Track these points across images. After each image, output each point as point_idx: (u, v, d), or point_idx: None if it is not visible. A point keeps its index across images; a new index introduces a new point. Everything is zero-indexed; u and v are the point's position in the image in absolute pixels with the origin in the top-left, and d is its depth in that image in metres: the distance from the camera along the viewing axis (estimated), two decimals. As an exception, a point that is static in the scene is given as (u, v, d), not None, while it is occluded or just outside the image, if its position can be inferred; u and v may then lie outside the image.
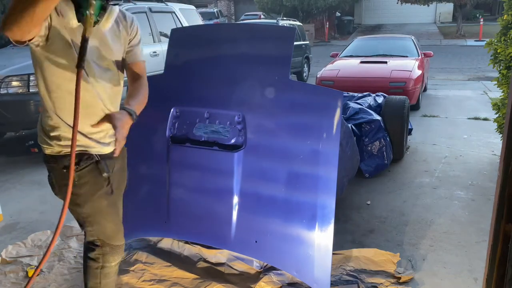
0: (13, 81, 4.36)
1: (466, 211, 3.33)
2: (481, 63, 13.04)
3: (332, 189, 2.10)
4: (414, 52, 7.81)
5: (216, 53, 2.48)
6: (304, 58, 10.69)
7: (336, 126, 2.10)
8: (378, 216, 3.27)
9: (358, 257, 2.60)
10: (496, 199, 1.24)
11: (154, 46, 6.25)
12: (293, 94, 2.23)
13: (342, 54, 8.32)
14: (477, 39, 19.07)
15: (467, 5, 21.51)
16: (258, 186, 2.30)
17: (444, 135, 5.52)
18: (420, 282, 2.42)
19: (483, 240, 2.85)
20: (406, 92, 6.09)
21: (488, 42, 4.23)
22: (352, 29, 25.88)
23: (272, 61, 2.28)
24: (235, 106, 2.33)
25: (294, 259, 2.24)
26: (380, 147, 4.14)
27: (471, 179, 3.97)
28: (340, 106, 2.10)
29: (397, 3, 23.31)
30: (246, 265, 2.55)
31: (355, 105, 4.33)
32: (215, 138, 2.45)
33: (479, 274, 2.43)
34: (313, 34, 21.97)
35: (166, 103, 2.52)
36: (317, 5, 22.18)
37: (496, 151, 4.76)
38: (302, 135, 2.18)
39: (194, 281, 2.42)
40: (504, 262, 1.25)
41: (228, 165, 2.33)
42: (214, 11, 24.21)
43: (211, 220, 2.41)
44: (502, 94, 4.32)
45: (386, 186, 3.89)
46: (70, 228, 3.02)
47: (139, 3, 6.35)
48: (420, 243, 2.86)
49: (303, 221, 2.18)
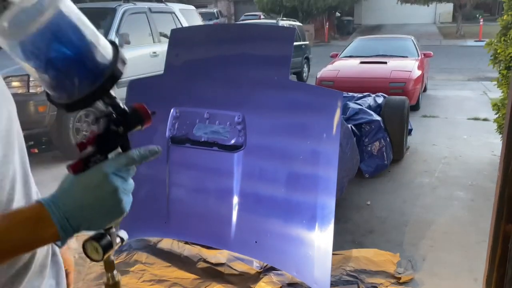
0: (13, 81, 4.36)
1: (466, 211, 3.33)
2: (481, 64, 13.02)
3: (332, 190, 2.10)
4: (414, 52, 7.81)
5: (216, 54, 2.48)
6: (304, 58, 10.69)
7: (336, 127, 2.09)
8: (378, 217, 3.27)
9: (358, 258, 2.60)
10: (496, 199, 1.24)
11: (154, 46, 6.25)
12: (293, 95, 2.23)
13: (342, 54, 8.31)
14: (477, 39, 19.06)
15: (467, 5, 21.53)
16: (258, 187, 2.30)
17: (444, 135, 5.52)
18: (420, 283, 2.42)
19: (483, 240, 2.85)
20: (406, 92, 6.08)
21: (488, 43, 4.23)
22: (352, 30, 25.89)
23: (272, 62, 2.28)
24: (235, 107, 2.33)
25: (294, 260, 2.24)
26: (380, 147, 4.14)
27: (471, 180, 3.97)
28: (340, 106, 2.10)
29: (397, 3, 23.34)
30: (246, 265, 2.54)
31: (355, 106, 4.33)
32: (215, 138, 2.45)
33: (479, 274, 2.42)
34: (313, 35, 21.97)
35: (166, 103, 2.52)
36: (317, 6, 22.20)
37: (496, 151, 4.75)
38: (302, 136, 2.18)
39: (194, 282, 2.42)
40: (504, 262, 1.25)
41: (228, 166, 2.33)
42: (214, 11, 24.22)
43: (211, 220, 2.41)
44: (502, 94, 4.32)
45: (386, 186, 3.89)
46: (70, 228, 3.02)
47: (139, 3, 6.35)
48: (420, 243, 2.85)
49: (303, 221, 2.18)
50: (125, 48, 5.65)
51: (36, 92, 4.41)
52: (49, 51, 0.58)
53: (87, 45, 0.60)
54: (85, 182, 0.62)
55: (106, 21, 5.76)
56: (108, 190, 0.62)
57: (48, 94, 0.64)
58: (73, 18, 0.58)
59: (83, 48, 0.59)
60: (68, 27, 0.58)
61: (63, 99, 0.62)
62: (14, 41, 0.57)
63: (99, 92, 0.63)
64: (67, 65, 0.59)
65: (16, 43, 0.57)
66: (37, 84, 4.43)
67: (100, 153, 0.66)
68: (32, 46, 0.57)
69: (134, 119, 0.68)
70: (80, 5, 7.53)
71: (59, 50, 0.58)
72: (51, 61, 0.58)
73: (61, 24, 0.57)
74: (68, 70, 0.59)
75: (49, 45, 0.57)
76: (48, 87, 0.62)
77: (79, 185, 0.62)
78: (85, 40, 0.60)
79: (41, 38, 0.56)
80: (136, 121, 0.69)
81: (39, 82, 0.62)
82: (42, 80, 0.61)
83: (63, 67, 0.59)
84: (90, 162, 0.64)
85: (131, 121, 0.68)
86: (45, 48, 0.57)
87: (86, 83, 0.61)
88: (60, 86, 0.62)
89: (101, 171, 0.63)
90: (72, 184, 0.62)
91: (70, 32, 0.58)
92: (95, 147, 0.66)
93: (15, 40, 0.57)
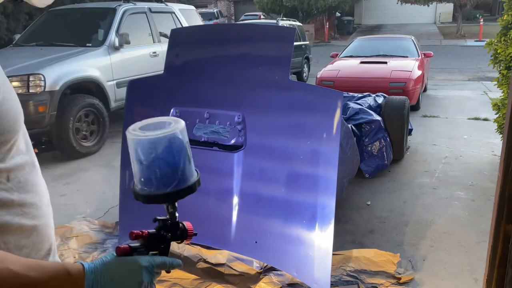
0: (13, 82, 4.36)
1: (466, 211, 3.33)
2: (481, 63, 13.03)
3: (332, 190, 2.10)
4: (414, 52, 7.81)
5: (216, 54, 2.48)
6: (304, 58, 10.69)
7: (336, 127, 2.09)
8: (378, 217, 3.27)
9: (358, 258, 2.59)
10: (496, 199, 1.24)
11: (154, 46, 6.25)
12: (293, 95, 2.23)
13: (342, 54, 8.31)
14: (477, 39, 19.06)
15: (467, 5, 21.51)
16: (258, 187, 2.30)
17: (444, 135, 5.52)
18: (420, 283, 2.42)
19: (483, 240, 2.85)
20: (406, 92, 6.08)
21: (488, 43, 4.23)
22: (352, 29, 25.87)
23: (272, 62, 2.27)
24: (235, 107, 2.33)
25: (294, 260, 2.24)
26: (380, 147, 4.14)
27: (471, 180, 3.97)
28: (340, 106, 2.10)
29: (397, 3, 23.31)
30: (246, 265, 2.54)
31: (355, 106, 4.33)
32: (215, 138, 2.45)
33: (479, 275, 2.43)
34: (313, 35, 21.97)
35: (166, 103, 2.52)
36: (317, 6, 22.18)
37: (496, 151, 4.75)
38: (302, 136, 2.18)
39: (194, 282, 2.41)
40: (504, 263, 1.25)
41: (228, 166, 2.33)
42: (214, 11, 24.23)
43: (211, 220, 2.40)
44: (502, 94, 4.32)
45: (386, 186, 3.88)
46: (70, 228, 3.01)
47: (139, 3, 6.35)
48: (420, 244, 2.85)
49: (303, 221, 2.18)
50: (125, 48, 5.66)
51: (36, 92, 4.40)
52: (162, 154, 0.76)
53: (185, 160, 0.80)
54: (124, 265, 0.73)
55: (106, 21, 5.76)
56: (136, 280, 0.72)
57: (134, 185, 0.80)
58: (185, 143, 0.80)
59: (182, 161, 0.79)
60: (181, 146, 0.79)
61: (145, 191, 0.78)
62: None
63: (174, 195, 0.79)
64: (168, 167, 0.77)
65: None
66: (37, 84, 4.43)
67: (145, 248, 0.78)
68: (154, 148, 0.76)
69: (181, 233, 0.83)
70: (80, 5, 7.53)
71: (168, 155, 0.77)
72: (159, 159, 0.76)
73: (176, 142, 0.78)
74: (166, 171, 0.77)
75: (164, 151, 0.76)
76: (142, 179, 0.78)
77: (118, 266, 0.73)
78: (186, 157, 0.80)
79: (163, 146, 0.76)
80: (181, 236, 0.83)
81: (136, 174, 0.78)
82: (141, 173, 0.77)
83: (165, 167, 0.77)
84: (135, 251, 0.76)
85: (179, 234, 0.82)
86: (159, 152, 0.76)
87: (171, 183, 0.78)
88: (152, 180, 0.78)
89: (139, 263, 0.73)
90: (113, 263, 0.73)
91: (181, 149, 0.79)
92: (144, 241, 0.78)
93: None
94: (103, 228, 3.08)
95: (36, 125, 4.58)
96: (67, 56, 4.98)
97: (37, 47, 5.56)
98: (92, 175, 4.38)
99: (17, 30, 9.57)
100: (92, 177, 4.32)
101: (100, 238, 2.92)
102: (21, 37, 6.08)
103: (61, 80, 4.63)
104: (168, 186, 0.77)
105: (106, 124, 5.23)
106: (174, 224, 0.82)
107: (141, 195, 0.79)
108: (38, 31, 6.09)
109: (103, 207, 3.53)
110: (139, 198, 0.80)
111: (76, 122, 4.80)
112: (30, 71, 4.46)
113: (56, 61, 4.78)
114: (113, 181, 4.02)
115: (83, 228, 3.05)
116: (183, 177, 0.80)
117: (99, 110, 5.12)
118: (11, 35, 8.61)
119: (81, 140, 4.93)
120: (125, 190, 2.68)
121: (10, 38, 8.73)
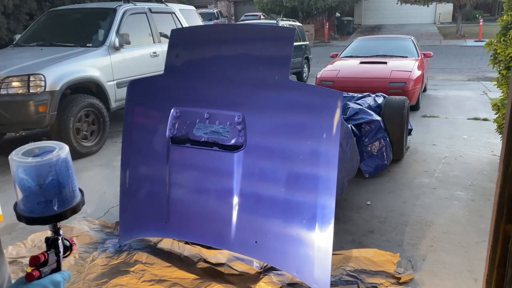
0: (13, 82, 4.36)
1: (466, 211, 3.33)
2: (480, 64, 13.04)
3: (332, 190, 2.10)
4: (414, 52, 7.81)
5: (216, 54, 2.48)
6: (304, 58, 10.69)
7: (336, 127, 2.10)
8: (378, 217, 3.27)
9: (358, 258, 2.60)
10: (496, 199, 1.24)
11: (154, 46, 6.26)
12: (293, 95, 2.23)
13: (342, 54, 8.32)
14: (477, 40, 19.06)
15: (466, 5, 21.50)
16: (258, 187, 2.30)
17: (444, 135, 5.52)
18: (420, 283, 2.42)
19: (483, 240, 2.85)
20: (406, 92, 6.09)
21: (487, 43, 4.23)
22: (352, 30, 25.87)
23: (272, 62, 2.28)
24: (235, 107, 2.34)
25: (294, 260, 2.24)
26: (380, 147, 4.14)
27: (471, 180, 3.97)
28: (340, 106, 2.10)
29: (396, 4, 23.32)
30: (246, 265, 2.54)
31: (355, 106, 4.33)
32: (215, 138, 2.45)
33: (479, 275, 2.43)
34: (313, 35, 21.97)
35: (166, 103, 2.52)
36: (317, 6, 22.18)
37: (496, 151, 4.76)
38: (302, 136, 2.18)
39: (194, 282, 2.42)
40: (504, 263, 1.25)
41: (228, 166, 2.33)
42: (214, 11, 24.24)
43: (211, 220, 2.41)
44: (501, 94, 4.32)
45: (386, 186, 3.89)
46: (70, 228, 3.02)
47: (139, 3, 6.36)
48: (420, 244, 2.85)
49: (303, 221, 2.18)
50: (126, 48, 5.66)
51: (36, 92, 4.41)
52: (47, 179, 0.82)
53: (69, 183, 0.86)
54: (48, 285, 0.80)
55: (106, 21, 5.76)
56: None
57: (16, 206, 0.86)
58: (70, 170, 0.87)
59: (67, 183, 0.86)
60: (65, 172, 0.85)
61: (29, 214, 0.83)
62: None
63: (59, 216, 0.85)
64: (55, 190, 0.83)
65: None
66: (38, 84, 4.43)
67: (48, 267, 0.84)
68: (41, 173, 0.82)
69: (70, 246, 0.91)
70: (80, 5, 7.53)
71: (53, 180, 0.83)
72: (45, 185, 0.82)
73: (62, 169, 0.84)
74: (51, 193, 0.83)
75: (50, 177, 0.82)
76: (26, 201, 0.83)
77: None
78: (69, 180, 0.86)
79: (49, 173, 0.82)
80: (70, 248, 0.91)
81: (20, 197, 0.84)
82: (27, 196, 0.82)
83: (50, 190, 0.83)
84: (43, 273, 0.82)
85: (69, 246, 0.91)
86: (46, 177, 0.82)
87: (58, 206, 0.84)
88: (37, 203, 0.83)
89: (58, 280, 0.82)
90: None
91: (65, 172, 0.85)
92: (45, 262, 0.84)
93: None
94: (103, 228, 3.09)
95: (36, 125, 4.59)
96: (67, 56, 4.99)
97: (37, 47, 5.56)
98: (92, 175, 4.39)
99: (18, 30, 9.58)
100: (92, 177, 4.33)
101: (100, 238, 2.92)
102: (22, 37, 6.08)
103: (62, 80, 4.64)
104: (52, 208, 0.83)
105: (107, 124, 5.24)
106: (63, 240, 0.90)
107: (23, 217, 0.84)
108: (38, 31, 6.10)
109: (103, 207, 3.54)
110: (21, 220, 0.84)
111: (76, 122, 4.81)
112: (30, 71, 4.46)
113: (56, 61, 4.79)
114: (113, 181, 4.03)
115: (83, 228, 3.05)
116: (67, 199, 0.86)
117: (99, 110, 5.12)
118: (11, 35, 8.61)
119: (82, 140, 4.93)
120: (125, 190, 2.68)
121: (10, 38, 8.73)
